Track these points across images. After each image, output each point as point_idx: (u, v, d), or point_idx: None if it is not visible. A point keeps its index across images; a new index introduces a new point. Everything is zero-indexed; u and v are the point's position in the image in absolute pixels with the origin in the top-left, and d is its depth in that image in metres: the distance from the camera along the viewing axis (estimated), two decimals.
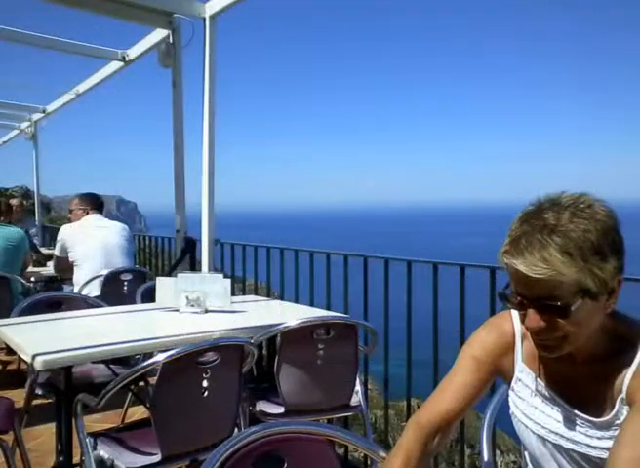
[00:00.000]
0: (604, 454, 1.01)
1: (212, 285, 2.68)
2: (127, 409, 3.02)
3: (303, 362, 2.31)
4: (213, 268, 3.93)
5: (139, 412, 3.08)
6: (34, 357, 1.86)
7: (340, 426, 2.68)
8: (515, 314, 1.15)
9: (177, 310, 2.67)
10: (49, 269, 4.71)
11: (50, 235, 7.67)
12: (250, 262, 3.97)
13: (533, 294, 0.97)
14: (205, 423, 1.97)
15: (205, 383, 1.90)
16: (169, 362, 1.79)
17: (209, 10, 3.66)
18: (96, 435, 1.93)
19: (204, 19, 3.68)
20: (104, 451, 1.86)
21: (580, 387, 1.07)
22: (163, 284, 2.77)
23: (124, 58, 4.78)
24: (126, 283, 3.78)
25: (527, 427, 1.14)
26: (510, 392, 1.18)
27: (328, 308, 3.10)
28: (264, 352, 3.16)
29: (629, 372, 1.00)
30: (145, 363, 1.82)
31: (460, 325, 2.53)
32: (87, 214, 3.97)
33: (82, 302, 3.00)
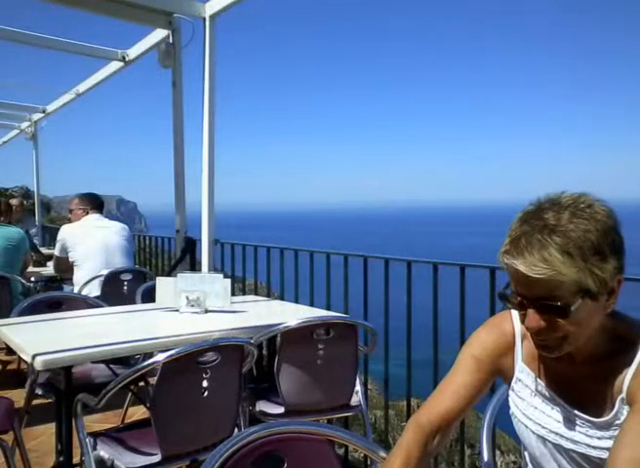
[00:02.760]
0: (604, 454, 1.01)
1: (212, 285, 2.68)
2: (127, 409, 3.02)
3: (303, 362, 2.31)
4: (213, 268, 3.93)
5: (139, 412, 3.08)
6: (34, 357, 1.85)
7: (339, 426, 2.68)
8: (515, 314, 1.15)
9: (177, 310, 2.67)
10: (49, 269, 4.71)
11: (50, 235, 7.67)
12: (250, 262, 3.96)
13: (533, 294, 0.97)
14: (205, 423, 1.96)
15: (205, 383, 1.90)
16: (169, 362, 1.79)
17: (209, 10, 3.66)
18: (96, 435, 1.93)
19: (204, 20, 3.69)
20: (104, 451, 1.86)
21: (579, 387, 1.07)
22: (163, 284, 2.77)
23: (124, 58, 4.79)
24: (126, 283, 3.78)
25: (527, 427, 1.14)
26: (510, 392, 1.18)
27: (328, 308, 3.09)
28: (264, 352, 3.16)
29: (629, 372, 1.00)
30: (145, 363, 1.81)
31: (460, 325, 2.53)
32: (87, 214, 3.96)
33: (82, 302, 3.00)
